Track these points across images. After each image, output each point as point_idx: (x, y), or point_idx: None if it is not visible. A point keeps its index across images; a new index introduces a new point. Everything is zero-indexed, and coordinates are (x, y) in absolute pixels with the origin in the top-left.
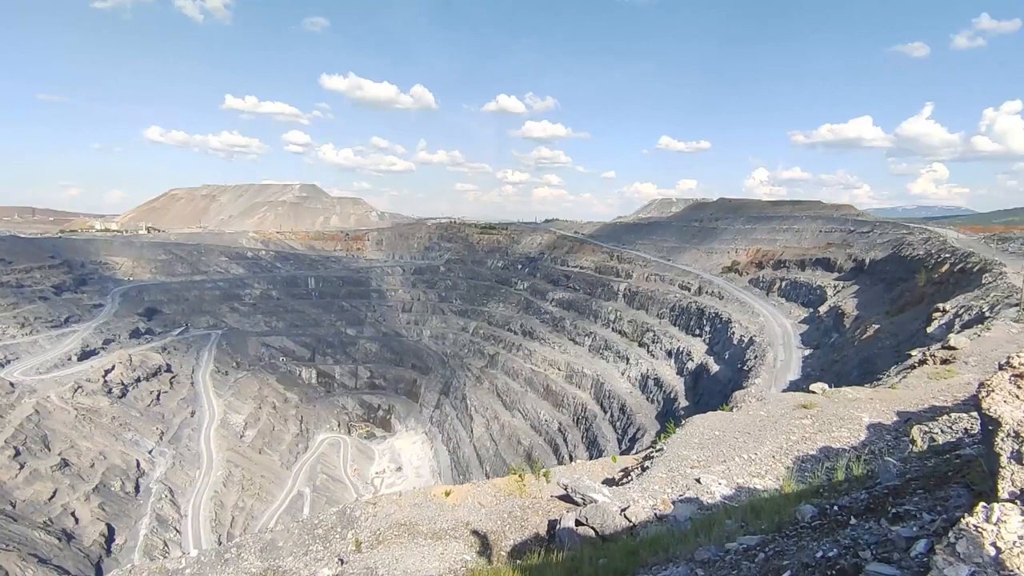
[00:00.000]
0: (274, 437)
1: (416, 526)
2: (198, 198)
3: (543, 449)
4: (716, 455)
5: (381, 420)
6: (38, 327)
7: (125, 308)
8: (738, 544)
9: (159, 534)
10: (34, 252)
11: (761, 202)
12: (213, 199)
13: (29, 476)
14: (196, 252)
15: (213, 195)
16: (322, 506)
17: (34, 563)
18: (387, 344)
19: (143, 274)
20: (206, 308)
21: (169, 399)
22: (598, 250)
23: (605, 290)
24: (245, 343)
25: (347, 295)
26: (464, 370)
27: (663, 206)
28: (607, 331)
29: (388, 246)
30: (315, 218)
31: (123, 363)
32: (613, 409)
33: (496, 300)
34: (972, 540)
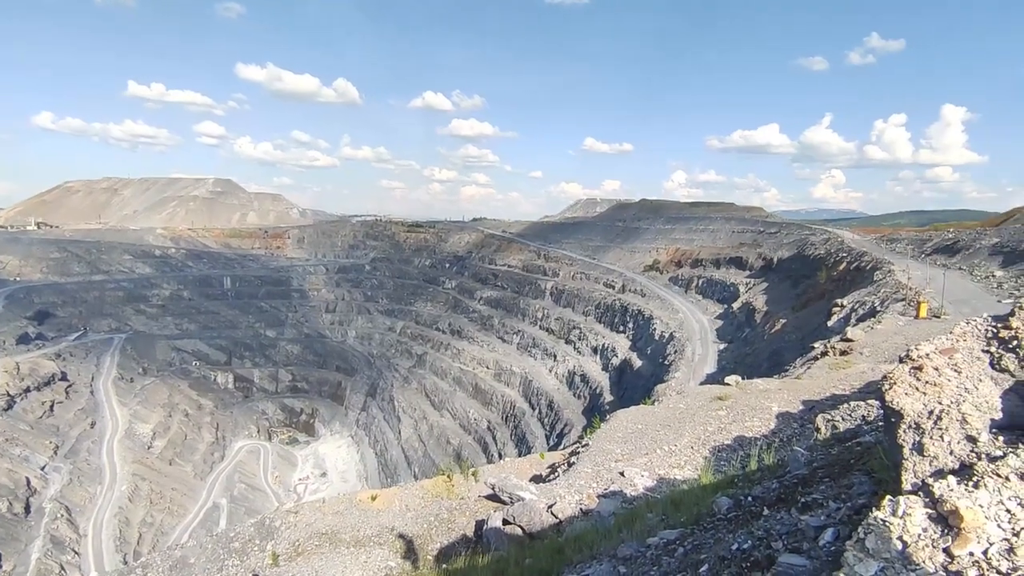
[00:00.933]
0: (186, 447)
1: (338, 534)
2: (97, 191)
3: (472, 448)
4: (639, 448)
5: (304, 425)
6: None
7: (11, 311)
8: (658, 539)
9: (54, 557)
10: None
11: (680, 203)
12: (115, 193)
13: None
14: (95, 250)
15: (115, 188)
16: (240, 517)
17: None
18: (310, 346)
19: (32, 274)
20: (108, 310)
21: (65, 410)
22: (525, 249)
23: (532, 288)
24: (153, 347)
25: (266, 295)
26: (391, 371)
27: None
28: (535, 329)
29: (310, 244)
30: (231, 215)
31: (8, 372)
32: (541, 406)
33: (424, 299)
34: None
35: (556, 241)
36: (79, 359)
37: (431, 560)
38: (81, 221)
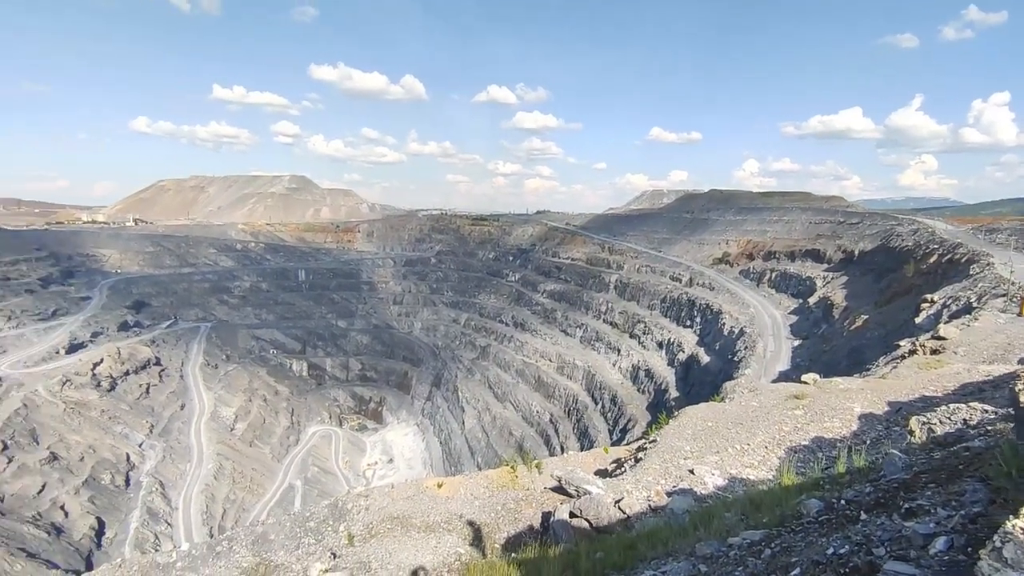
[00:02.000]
0: (265, 430)
1: (409, 519)
2: (186, 189)
3: (534, 440)
4: (709, 446)
5: (372, 412)
6: (25, 320)
7: (113, 301)
8: (741, 539)
9: (150, 527)
10: (20, 244)
11: (751, 193)
12: (201, 190)
13: (17, 471)
14: (184, 244)
15: (201, 186)
16: (314, 499)
17: (23, 558)
18: (378, 336)
19: (131, 266)
20: (195, 301)
21: (158, 392)
22: (589, 241)
23: (596, 281)
24: (235, 336)
25: (337, 287)
26: (455, 362)
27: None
28: (598, 322)
29: (379, 238)
30: (305, 210)
31: (112, 356)
32: (604, 400)
33: (487, 292)
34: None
35: (621, 233)
36: (170, 345)
37: (499, 548)
38: (172, 217)
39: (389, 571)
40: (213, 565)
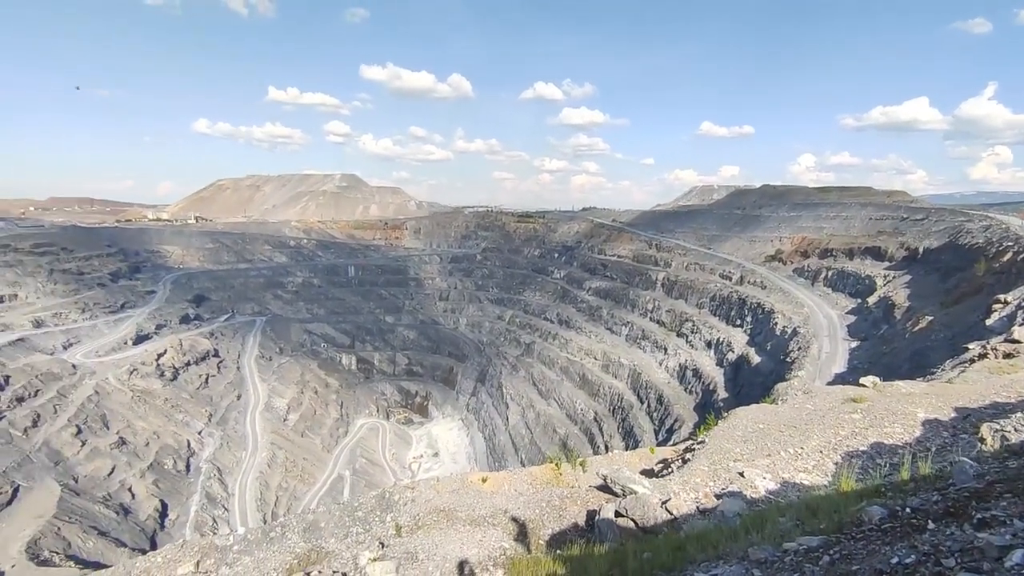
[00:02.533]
0: (316, 421)
1: (455, 512)
2: (243, 188)
3: (578, 438)
4: (760, 448)
5: (418, 406)
6: (97, 312)
7: (176, 295)
8: (797, 544)
9: (208, 511)
10: (93, 241)
11: (807, 188)
12: (257, 189)
13: (90, 453)
14: (241, 241)
15: (257, 185)
16: (361, 489)
17: (94, 535)
18: (424, 332)
19: (192, 262)
20: (251, 295)
21: (217, 382)
22: (636, 238)
23: (643, 279)
24: (288, 329)
25: (386, 283)
26: (500, 358)
27: (704, 193)
28: (645, 321)
29: (426, 235)
30: (355, 207)
31: (174, 348)
32: (650, 399)
33: (532, 289)
34: None
35: (668, 230)
36: (228, 338)
37: (543, 545)
38: (230, 215)
39: (436, 562)
40: (267, 550)
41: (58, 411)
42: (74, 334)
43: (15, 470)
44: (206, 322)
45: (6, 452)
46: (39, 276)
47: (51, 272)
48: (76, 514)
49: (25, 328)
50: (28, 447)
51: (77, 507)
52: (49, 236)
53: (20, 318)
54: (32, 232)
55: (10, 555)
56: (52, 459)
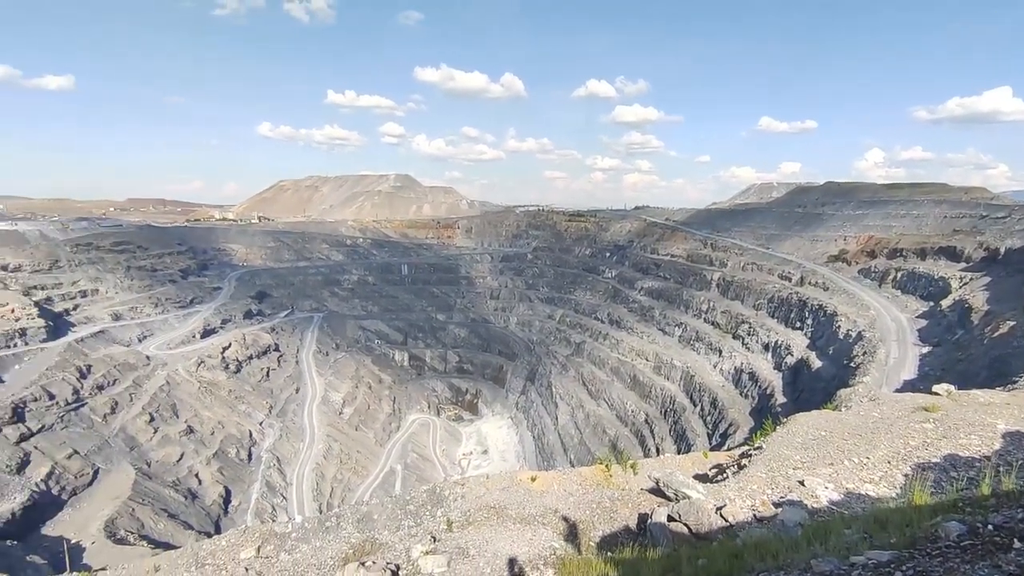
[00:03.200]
0: (369, 415)
1: (504, 510)
2: (303, 189)
3: (629, 440)
4: (822, 456)
5: (468, 404)
6: (168, 307)
7: (240, 291)
8: (865, 559)
9: (268, 499)
10: (165, 240)
11: (875, 185)
12: (316, 190)
13: (161, 440)
14: (301, 240)
15: (316, 186)
16: (413, 483)
17: (165, 517)
18: (475, 330)
19: (255, 260)
20: (309, 292)
21: (277, 376)
22: (690, 237)
23: (697, 279)
24: (344, 326)
25: (438, 281)
26: (550, 357)
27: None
28: (698, 322)
29: (477, 234)
30: (409, 207)
31: (238, 342)
32: (704, 403)
33: (583, 288)
34: None
35: (724, 229)
36: (287, 333)
37: (593, 546)
38: (290, 215)
39: (486, 558)
40: (323, 538)
41: (133, 399)
42: (148, 327)
43: (95, 453)
44: (267, 318)
45: (88, 436)
46: (117, 272)
47: (128, 269)
48: (149, 497)
49: (105, 321)
50: (107, 432)
51: (150, 490)
52: (127, 235)
53: (101, 311)
54: (112, 231)
55: (90, 532)
56: (128, 444)
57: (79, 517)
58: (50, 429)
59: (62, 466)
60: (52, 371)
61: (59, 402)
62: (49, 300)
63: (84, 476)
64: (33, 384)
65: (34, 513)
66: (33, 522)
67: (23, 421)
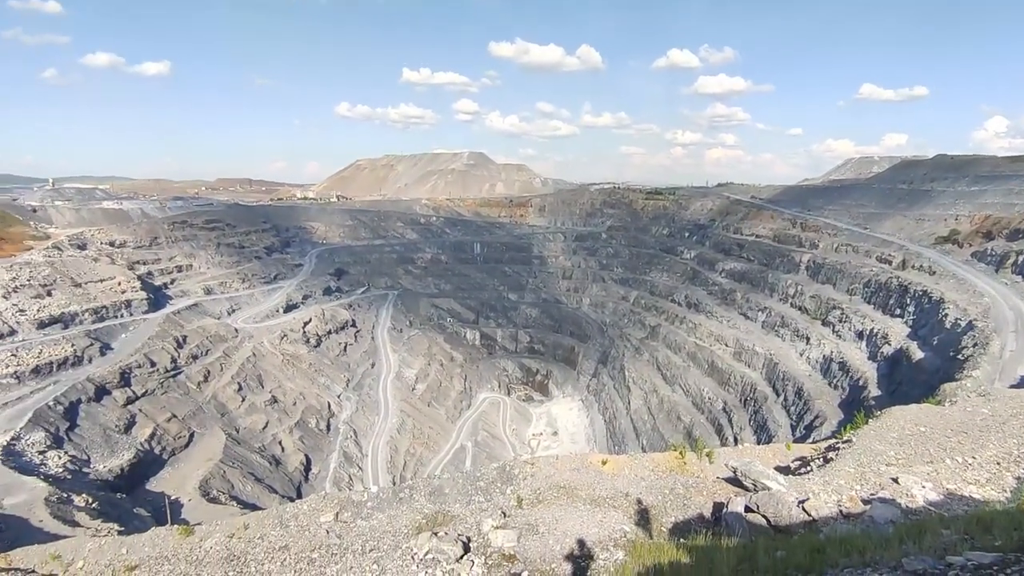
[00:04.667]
0: (441, 392)
1: (575, 490)
2: (379, 167)
3: (704, 428)
4: (920, 454)
5: (539, 384)
6: (254, 283)
7: (319, 268)
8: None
9: (345, 468)
10: (251, 218)
11: (995, 158)
12: (391, 168)
13: (248, 408)
14: (377, 218)
15: (391, 164)
16: (483, 461)
17: (252, 480)
18: (547, 310)
19: (334, 238)
20: (384, 270)
21: (354, 351)
22: (778, 216)
23: (784, 261)
24: (417, 303)
25: (510, 260)
26: (623, 340)
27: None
28: (785, 306)
29: (550, 212)
30: (482, 185)
31: (318, 317)
32: (787, 392)
33: (659, 269)
34: None
35: (817, 208)
36: (364, 310)
37: (665, 532)
38: (367, 193)
39: (556, 536)
40: (397, 508)
41: (223, 369)
42: (236, 301)
43: (191, 418)
44: (345, 294)
45: (184, 402)
46: (209, 249)
47: (218, 246)
48: (238, 461)
49: (198, 295)
50: (200, 399)
51: (238, 455)
52: (217, 213)
53: (194, 285)
54: (204, 210)
55: (187, 490)
56: (219, 411)
57: (177, 476)
58: (152, 394)
59: (163, 428)
60: (153, 340)
61: (159, 369)
62: (150, 274)
63: (181, 438)
64: (137, 352)
65: (139, 470)
66: (139, 478)
67: (129, 385)
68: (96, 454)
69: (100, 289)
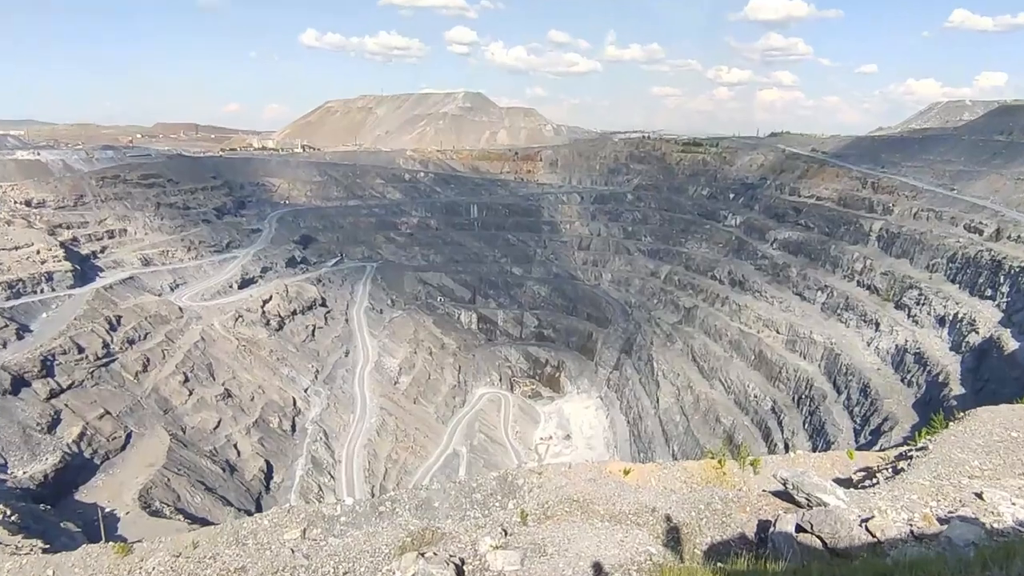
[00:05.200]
0: (429, 387)
1: (591, 504)
2: (354, 111)
3: (749, 432)
4: (1011, 464)
5: (549, 378)
6: (202, 251)
7: (281, 234)
8: None
9: (314, 477)
10: (198, 172)
11: None
12: (369, 112)
13: (197, 403)
14: (351, 174)
15: (369, 107)
16: (479, 469)
17: (202, 490)
18: (559, 288)
19: (298, 197)
20: (361, 237)
21: (324, 335)
22: (844, 174)
23: (851, 229)
24: (401, 278)
25: (514, 227)
26: (652, 325)
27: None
28: (850, 285)
29: (564, 168)
30: (480, 133)
31: (280, 294)
32: (851, 389)
33: (697, 238)
34: None
35: (892, 164)
36: (336, 285)
37: (700, 554)
38: (339, 142)
39: (567, 559)
40: (377, 524)
41: (166, 357)
42: (180, 274)
43: (127, 415)
44: (313, 267)
45: (119, 396)
46: (147, 210)
47: (158, 206)
48: (184, 466)
49: (134, 266)
50: (139, 392)
51: (185, 459)
52: (156, 167)
53: (129, 255)
54: (139, 161)
55: (124, 501)
56: (161, 406)
57: (113, 484)
58: (80, 386)
59: (94, 427)
60: (80, 321)
61: (88, 356)
62: (75, 241)
63: (116, 439)
64: (61, 335)
65: (67, 476)
66: (66, 486)
67: (52, 376)
68: (14, 458)
69: (14, 259)
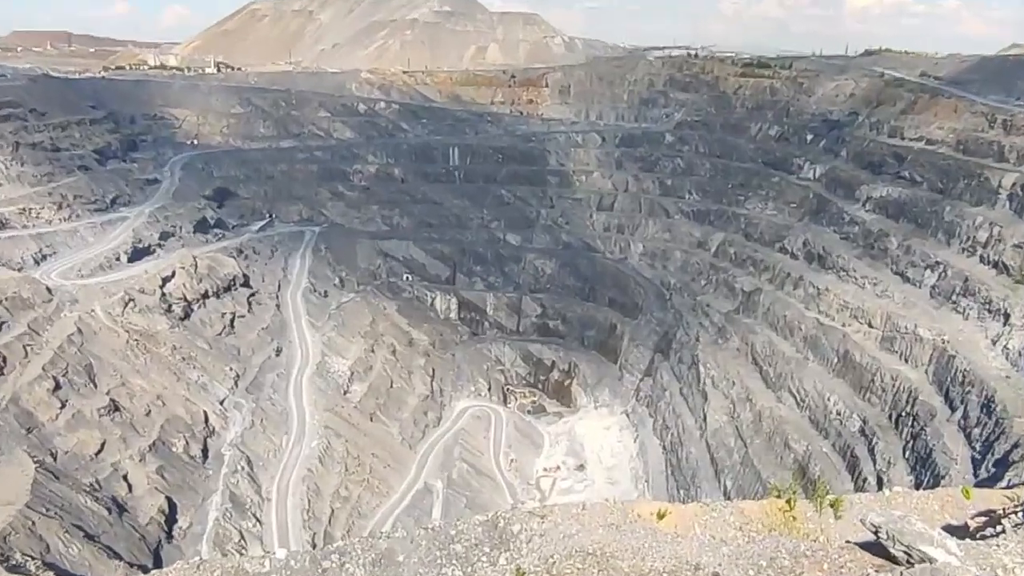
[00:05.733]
0: (392, 397)
1: (612, 558)
2: (288, 16)
3: (828, 461)
4: None
5: (555, 386)
6: (78, 210)
7: (188, 187)
8: None
9: (234, 520)
10: (71, 99)
11: None
12: (310, 17)
13: (72, 420)
14: (285, 103)
15: (309, 11)
16: (459, 509)
17: (80, 537)
18: (570, 262)
19: (212, 135)
20: (298, 191)
21: (246, 327)
22: (966, 108)
23: (972, 185)
24: (353, 248)
25: (509, 179)
26: (698, 314)
27: None
28: (970, 261)
29: (579, 97)
30: (463, 49)
31: (186, 270)
32: (969, 404)
33: (762, 196)
34: None
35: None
36: (264, 258)
37: None
38: (268, 60)
39: None
40: None
41: (29, 355)
42: (47, 241)
43: None
44: (232, 231)
45: None
46: (3, 152)
47: (16, 148)
48: (56, 505)
49: None
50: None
51: (57, 496)
52: (13, 92)
53: None
54: None
55: None
56: (23, 424)
57: None
58: None
59: None
60: None
61: None
62: None
63: None
64: None
65: None
66: None
67: None
68: None
69: None
